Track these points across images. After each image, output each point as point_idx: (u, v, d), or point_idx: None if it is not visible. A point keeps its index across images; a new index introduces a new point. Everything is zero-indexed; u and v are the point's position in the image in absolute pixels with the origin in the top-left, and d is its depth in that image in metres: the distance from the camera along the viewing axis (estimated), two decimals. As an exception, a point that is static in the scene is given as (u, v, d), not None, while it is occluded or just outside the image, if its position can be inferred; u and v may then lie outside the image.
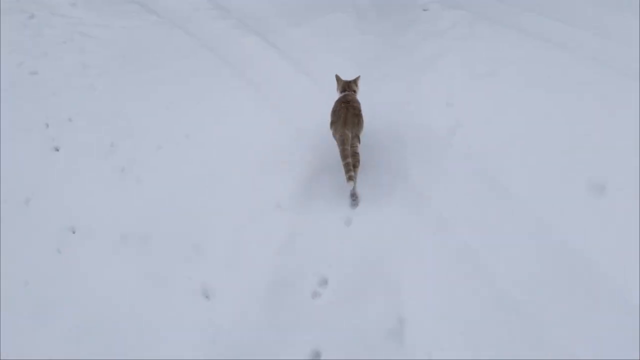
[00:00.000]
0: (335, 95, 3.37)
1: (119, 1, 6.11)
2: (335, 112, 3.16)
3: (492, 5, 4.85)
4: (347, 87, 3.36)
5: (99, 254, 2.86)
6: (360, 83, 3.45)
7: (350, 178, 2.86)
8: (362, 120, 3.16)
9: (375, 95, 3.94)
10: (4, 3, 6.27)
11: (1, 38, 5.37)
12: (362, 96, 3.46)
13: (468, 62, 3.99)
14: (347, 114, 3.09)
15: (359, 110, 3.18)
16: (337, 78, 3.45)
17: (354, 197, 3.00)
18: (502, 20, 4.54)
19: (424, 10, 5.05)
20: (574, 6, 4.38)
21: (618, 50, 3.72)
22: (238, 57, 4.65)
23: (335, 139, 3.05)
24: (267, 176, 3.25)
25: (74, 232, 2.98)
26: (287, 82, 4.19)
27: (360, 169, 2.99)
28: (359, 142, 3.08)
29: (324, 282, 2.64)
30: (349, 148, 2.96)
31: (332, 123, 3.13)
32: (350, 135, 3.00)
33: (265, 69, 4.41)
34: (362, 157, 3.08)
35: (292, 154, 3.42)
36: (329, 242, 2.81)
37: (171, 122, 3.82)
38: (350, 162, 2.91)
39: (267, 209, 3.03)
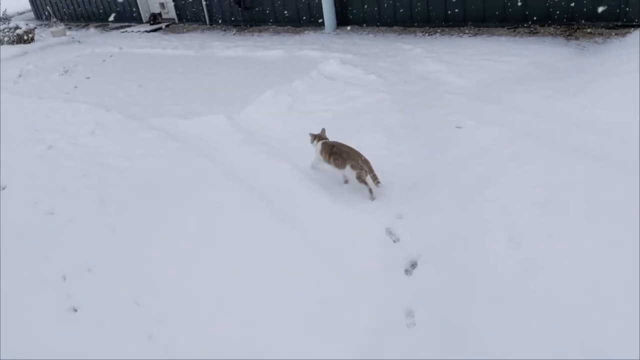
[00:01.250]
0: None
1: (139, 128, 6.02)
2: (338, 153, 4.08)
3: (531, 120, 4.65)
4: (323, 136, 4.42)
5: None
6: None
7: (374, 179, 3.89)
8: None
9: (423, 228, 3.60)
10: (21, 135, 6.22)
11: (18, 174, 5.20)
12: (409, 230, 3.55)
13: (523, 187, 3.68)
14: (349, 150, 4.05)
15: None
16: (310, 135, 4.46)
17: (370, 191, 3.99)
18: (546, 137, 4.31)
19: (458, 127, 4.86)
20: (624, 122, 4.15)
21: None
22: (267, 187, 4.37)
23: (354, 167, 3.93)
24: (317, 341, 2.80)
25: None
26: (325, 217, 3.84)
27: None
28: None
29: None
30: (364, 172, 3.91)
31: (347, 161, 3.98)
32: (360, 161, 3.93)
33: (299, 201, 4.10)
34: (417, 316, 2.82)
35: (345, 312, 2.99)
36: None
37: (201, 272, 3.43)
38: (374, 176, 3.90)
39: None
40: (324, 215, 3.87)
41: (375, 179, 3.94)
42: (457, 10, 8.15)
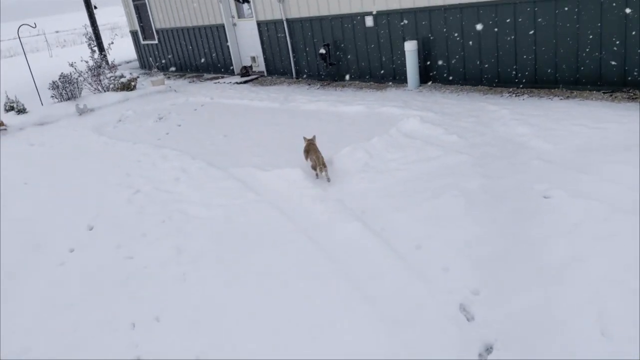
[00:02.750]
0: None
1: (220, 177, 6.24)
2: (307, 150, 6.14)
3: (630, 195, 4.25)
4: (312, 139, 6.25)
5: None
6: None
7: (320, 170, 5.72)
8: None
9: (501, 308, 3.32)
10: (114, 178, 6.66)
11: (106, 216, 5.53)
12: (485, 309, 3.28)
13: (619, 271, 3.33)
14: (313, 149, 6.01)
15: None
16: (305, 139, 6.35)
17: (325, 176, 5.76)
18: (647, 215, 3.91)
19: (545, 197, 4.55)
20: None
21: None
22: (337, 248, 4.31)
23: (312, 160, 5.91)
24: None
25: None
26: (396, 284, 3.69)
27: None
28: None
29: None
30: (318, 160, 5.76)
31: (309, 155, 6.03)
32: (321, 156, 5.81)
33: (368, 265, 3.99)
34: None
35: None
36: None
37: (263, 333, 3.38)
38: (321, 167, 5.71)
39: None
40: (393, 282, 3.72)
41: (326, 174, 5.73)
42: (547, 72, 7.85)
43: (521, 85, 8.26)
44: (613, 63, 7.15)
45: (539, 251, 3.82)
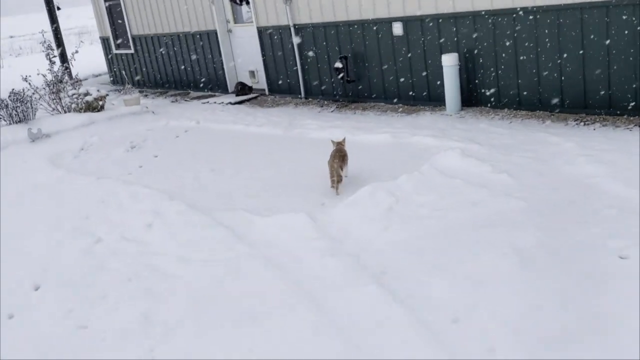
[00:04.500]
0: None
1: (204, 223, 6.28)
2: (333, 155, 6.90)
3: None
4: (341, 142, 7.15)
5: None
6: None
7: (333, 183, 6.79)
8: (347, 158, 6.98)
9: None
10: (69, 223, 6.74)
11: (57, 272, 5.56)
12: None
13: None
14: (336, 155, 6.86)
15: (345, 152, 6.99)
16: (333, 142, 7.17)
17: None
18: None
19: (621, 258, 4.50)
20: None
21: None
22: (352, 320, 4.27)
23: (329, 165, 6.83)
24: None
25: None
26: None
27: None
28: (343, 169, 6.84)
29: None
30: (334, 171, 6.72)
31: (329, 161, 6.87)
32: (336, 166, 6.70)
33: (394, 344, 3.95)
34: None
35: None
36: None
37: None
38: (335, 179, 6.73)
39: None
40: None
41: (336, 189, 6.74)
42: (626, 94, 7.86)
43: (592, 112, 8.28)
44: None
45: (612, 330, 3.75)
